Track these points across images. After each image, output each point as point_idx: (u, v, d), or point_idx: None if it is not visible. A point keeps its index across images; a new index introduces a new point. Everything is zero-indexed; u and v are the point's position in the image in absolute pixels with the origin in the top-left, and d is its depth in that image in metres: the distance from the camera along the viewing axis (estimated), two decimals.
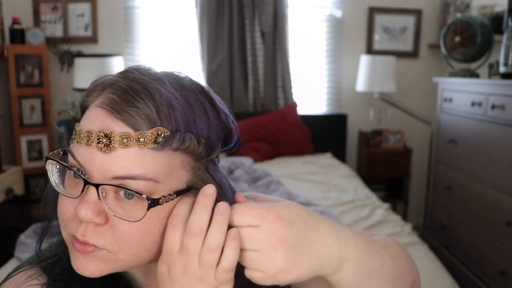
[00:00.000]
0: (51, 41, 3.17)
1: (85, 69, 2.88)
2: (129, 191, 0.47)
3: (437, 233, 2.75)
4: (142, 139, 0.47)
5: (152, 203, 0.48)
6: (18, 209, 2.65)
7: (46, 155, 0.51)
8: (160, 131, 0.48)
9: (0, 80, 3.01)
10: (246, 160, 2.75)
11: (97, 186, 0.47)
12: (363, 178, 3.13)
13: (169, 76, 0.53)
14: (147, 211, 0.48)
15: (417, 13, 3.47)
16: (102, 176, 0.48)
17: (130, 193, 0.48)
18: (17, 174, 2.75)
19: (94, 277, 0.51)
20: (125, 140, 0.47)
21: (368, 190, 2.62)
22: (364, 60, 3.28)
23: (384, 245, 0.58)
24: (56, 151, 0.52)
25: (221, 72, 3.30)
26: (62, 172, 0.52)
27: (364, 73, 3.26)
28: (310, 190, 2.50)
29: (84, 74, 2.86)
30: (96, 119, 0.49)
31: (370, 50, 3.48)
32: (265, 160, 3.14)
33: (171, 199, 0.50)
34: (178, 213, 0.49)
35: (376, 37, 3.49)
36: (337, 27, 3.46)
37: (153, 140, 0.47)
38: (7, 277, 0.57)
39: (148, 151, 0.48)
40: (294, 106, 3.35)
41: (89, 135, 0.48)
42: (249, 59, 3.34)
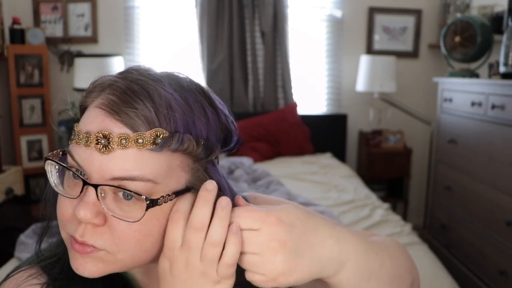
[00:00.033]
0: (51, 41, 3.17)
1: (85, 69, 2.88)
2: (127, 191, 0.48)
3: (437, 233, 2.75)
4: (140, 140, 0.47)
5: (151, 204, 0.48)
6: (18, 209, 2.65)
7: (45, 155, 0.51)
8: (158, 132, 0.48)
9: (0, 80, 3.01)
10: (246, 160, 2.75)
11: (96, 186, 0.47)
12: (363, 178, 3.13)
13: (169, 77, 0.52)
14: (146, 211, 0.48)
15: (417, 13, 3.47)
16: (101, 177, 0.48)
17: (129, 194, 0.48)
18: (17, 174, 2.75)
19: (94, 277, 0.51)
20: (123, 141, 0.47)
21: (368, 190, 2.62)
22: (364, 60, 3.28)
23: (384, 246, 0.58)
24: (55, 152, 0.52)
25: (221, 72, 3.30)
26: (61, 172, 0.52)
27: (364, 73, 3.26)
28: (310, 190, 2.50)
29: (84, 74, 2.86)
30: (95, 120, 0.49)
31: (370, 50, 3.48)
32: (265, 160, 3.14)
33: (170, 200, 0.50)
34: (179, 209, 0.49)
35: (376, 37, 3.49)
36: (337, 27, 3.46)
37: (152, 141, 0.47)
38: (7, 277, 0.57)
39: (146, 152, 0.48)
40: (294, 106, 3.35)
41: (88, 136, 0.48)
42: (249, 59, 3.34)
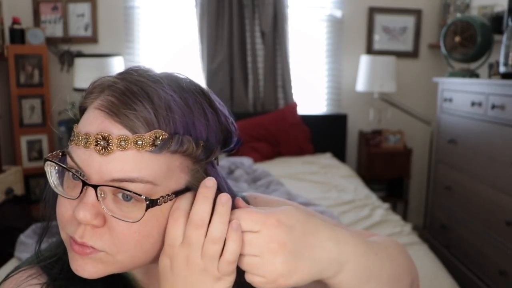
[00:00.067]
0: (51, 41, 3.17)
1: (85, 69, 2.88)
2: (127, 192, 0.47)
3: (437, 233, 2.75)
4: (140, 142, 0.47)
5: (151, 204, 0.48)
6: (18, 209, 2.65)
7: (45, 156, 0.51)
8: (158, 134, 0.48)
9: (0, 80, 3.01)
10: (246, 160, 2.75)
11: (96, 187, 0.47)
12: (363, 178, 3.13)
13: (168, 78, 0.52)
14: (146, 211, 0.48)
15: (417, 13, 3.47)
16: (100, 178, 0.47)
17: (128, 195, 0.48)
18: (17, 174, 2.75)
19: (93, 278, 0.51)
20: (123, 143, 0.47)
21: (368, 190, 2.62)
22: (364, 60, 3.28)
23: (383, 246, 0.58)
24: (55, 153, 0.52)
25: (221, 72, 3.30)
26: (61, 173, 0.52)
27: (364, 73, 3.26)
28: (310, 190, 2.50)
29: (84, 74, 2.86)
30: (94, 121, 0.48)
31: (370, 50, 3.48)
32: (265, 160, 3.14)
33: (170, 200, 0.50)
34: (179, 206, 0.49)
35: (376, 37, 3.49)
36: (337, 27, 3.46)
37: (151, 143, 0.47)
38: (7, 277, 0.57)
39: (146, 154, 0.48)
40: (294, 106, 3.35)
41: (87, 137, 0.48)
42: (249, 59, 3.34)
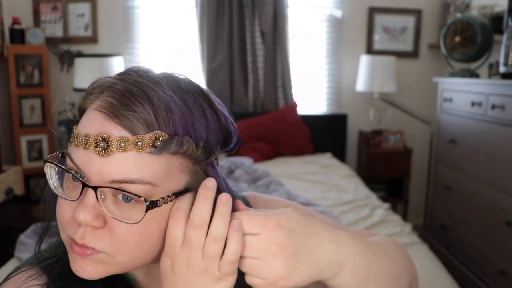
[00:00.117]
0: (51, 41, 3.17)
1: (85, 69, 2.88)
2: (127, 194, 0.47)
3: (437, 233, 2.75)
4: (140, 143, 0.47)
5: (151, 205, 0.48)
6: (18, 209, 2.65)
7: (45, 158, 0.51)
8: (158, 135, 0.47)
9: (0, 80, 3.01)
10: (246, 160, 2.75)
11: (96, 188, 0.47)
12: (363, 178, 3.13)
13: (168, 78, 0.52)
14: (146, 213, 0.48)
15: (417, 13, 3.47)
16: (100, 179, 0.47)
17: (128, 197, 0.48)
18: (17, 174, 2.75)
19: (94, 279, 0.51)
20: (122, 144, 0.47)
21: (368, 190, 2.62)
22: (364, 60, 3.28)
23: (382, 246, 0.58)
24: (55, 154, 0.52)
25: (221, 72, 3.30)
26: (61, 174, 0.52)
27: (364, 73, 3.26)
28: (310, 190, 2.50)
29: (84, 74, 2.86)
30: (94, 122, 0.48)
31: (370, 50, 3.48)
32: (265, 160, 3.14)
33: (170, 201, 0.50)
34: (180, 207, 0.49)
35: (376, 37, 3.49)
36: (337, 27, 3.46)
37: (151, 144, 0.47)
38: (7, 278, 0.56)
39: (146, 155, 0.47)
40: (294, 106, 3.35)
41: (87, 138, 0.48)
42: (249, 59, 3.34)
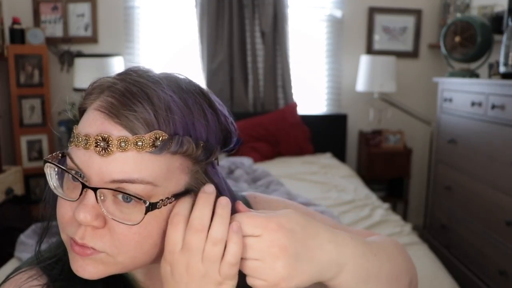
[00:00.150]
0: (51, 41, 3.17)
1: (85, 69, 2.88)
2: (127, 194, 0.47)
3: (437, 233, 2.75)
4: (140, 143, 0.47)
5: (150, 207, 0.48)
6: (18, 209, 2.65)
7: (45, 158, 0.51)
8: (158, 135, 0.47)
9: (0, 80, 3.01)
10: (246, 160, 2.75)
11: (95, 189, 0.47)
12: (363, 178, 3.13)
13: (168, 78, 0.52)
14: (145, 215, 0.48)
15: (417, 13, 3.47)
16: (100, 179, 0.47)
17: (128, 197, 0.48)
18: (17, 174, 2.75)
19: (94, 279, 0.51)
20: (123, 144, 0.47)
21: (368, 190, 2.62)
22: (364, 60, 3.28)
23: (382, 246, 0.59)
24: (55, 154, 0.52)
25: (221, 72, 3.30)
26: (61, 174, 0.52)
27: (364, 73, 3.26)
28: (310, 190, 2.50)
29: (84, 74, 2.86)
30: (94, 122, 0.48)
31: (370, 50, 3.48)
32: (265, 160, 3.14)
33: (169, 203, 0.50)
34: (179, 211, 0.49)
35: (376, 37, 3.49)
36: (337, 27, 3.46)
37: (151, 144, 0.47)
38: (7, 278, 0.56)
39: (146, 155, 0.47)
40: (294, 106, 3.35)
41: (87, 138, 0.48)
42: (249, 59, 3.34)
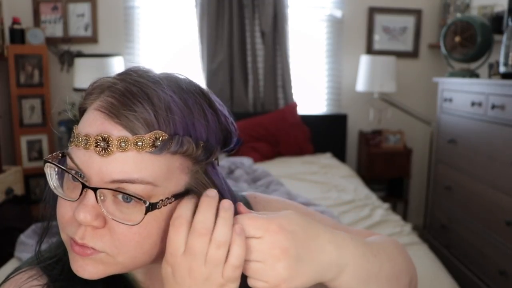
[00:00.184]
0: (51, 41, 3.17)
1: (85, 69, 2.88)
2: (127, 195, 0.47)
3: (437, 233, 2.75)
4: (140, 143, 0.47)
5: (150, 207, 0.48)
6: (18, 209, 2.65)
7: (45, 158, 0.51)
8: (158, 135, 0.47)
9: (0, 80, 3.01)
10: (246, 160, 2.75)
11: (95, 189, 0.47)
12: (363, 178, 3.13)
13: (168, 78, 0.52)
14: (145, 215, 0.47)
15: (417, 13, 3.47)
16: (100, 179, 0.47)
17: (128, 197, 0.48)
18: (17, 174, 2.75)
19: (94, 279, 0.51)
20: (123, 144, 0.47)
21: (368, 190, 2.62)
22: (364, 60, 3.28)
23: (382, 247, 0.59)
24: (55, 154, 0.52)
25: (221, 72, 3.30)
26: (61, 174, 0.52)
27: (364, 73, 3.26)
28: (310, 190, 2.50)
29: (84, 74, 2.86)
30: (94, 122, 0.48)
31: (370, 50, 3.48)
32: (265, 160, 3.14)
33: (169, 203, 0.50)
34: (181, 214, 0.49)
35: (376, 37, 3.49)
36: (337, 27, 3.46)
37: (151, 144, 0.47)
38: (7, 278, 0.56)
39: (146, 155, 0.47)
40: (294, 106, 3.35)
41: (87, 138, 0.48)
42: (249, 59, 3.34)
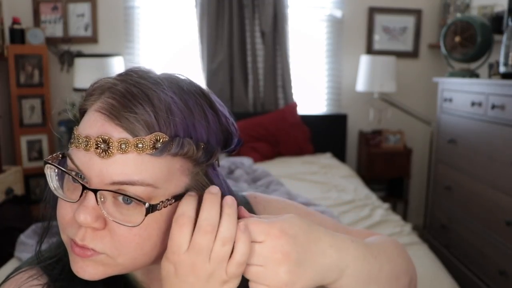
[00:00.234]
0: (51, 41, 3.17)
1: (85, 69, 2.88)
2: (127, 196, 0.47)
3: (437, 233, 2.75)
4: (140, 145, 0.47)
5: (150, 209, 0.48)
6: (18, 209, 2.65)
7: (45, 159, 0.51)
8: (158, 137, 0.47)
9: (0, 80, 3.01)
10: (246, 160, 2.75)
11: (95, 191, 0.47)
12: (363, 178, 3.13)
13: (168, 79, 0.52)
14: (145, 216, 0.47)
15: (417, 13, 3.47)
16: (101, 181, 0.47)
17: (129, 199, 0.48)
18: (17, 174, 2.75)
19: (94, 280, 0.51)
20: (123, 146, 0.47)
21: (368, 190, 2.62)
22: (364, 60, 3.28)
23: (382, 248, 0.59)
24: (55, 155, 0.52)
25: (221, 72, 3.30)
26: (61, 175, 0.52)
27: (364, 73, 3.26)
28: (310, 190, 2.50)
29: (84, 74, 2.86)
30: (94, 124, 0.48)
31: (370, 50, 3.48)
32: (265, 160, 3.14)
33: (169, 204, 0.50)
34: (184, 212, 0.49)
35: (376, 37, 3.49)
36: (337, 27, 3.46)
37: (152, 146, 0.47)
38: (7, 278, 0.56)
39: (146, 157, 0.47)
40: (294, 106, 3.35)
41: (88, 140, 0.48)
42: (249, 59, 3.34)
